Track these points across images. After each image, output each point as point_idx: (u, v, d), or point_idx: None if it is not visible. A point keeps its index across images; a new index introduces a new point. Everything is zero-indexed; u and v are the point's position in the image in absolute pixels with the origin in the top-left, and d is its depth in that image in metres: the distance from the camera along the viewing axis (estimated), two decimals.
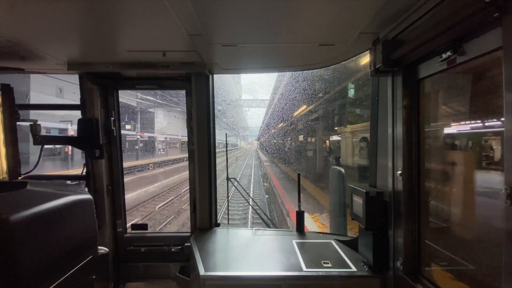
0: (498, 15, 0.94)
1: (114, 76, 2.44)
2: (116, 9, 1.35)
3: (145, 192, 15.64)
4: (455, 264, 1.48)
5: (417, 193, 1.61)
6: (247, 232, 2.55)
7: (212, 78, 2.54)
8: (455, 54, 1.20)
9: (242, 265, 1.90)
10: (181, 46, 1.87)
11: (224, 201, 12.38)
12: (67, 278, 1.33)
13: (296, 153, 20.91)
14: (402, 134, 1.60)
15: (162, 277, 2.54)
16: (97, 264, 1.62)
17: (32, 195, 1.34)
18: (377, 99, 1.91)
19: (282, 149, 28.84)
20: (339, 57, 2.12)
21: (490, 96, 1.36)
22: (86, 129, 2.34)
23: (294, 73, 15.60)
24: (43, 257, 1.20)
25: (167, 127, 38.26)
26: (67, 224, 1.38)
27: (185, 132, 2.57)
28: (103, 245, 1.97)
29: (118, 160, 2.57)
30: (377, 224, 1.76)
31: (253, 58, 2.17)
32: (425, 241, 1.60)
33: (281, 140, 29.93)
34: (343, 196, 2.97)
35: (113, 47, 1.89)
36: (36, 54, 1.96)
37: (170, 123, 38.78)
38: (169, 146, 38.74)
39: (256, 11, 1.38)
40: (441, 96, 1.60)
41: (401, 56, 1.49)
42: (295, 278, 1.76)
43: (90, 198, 1.59)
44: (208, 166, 2.54)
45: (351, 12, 1.40)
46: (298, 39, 1.77)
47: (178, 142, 41.74)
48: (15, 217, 1.09)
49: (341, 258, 2.01)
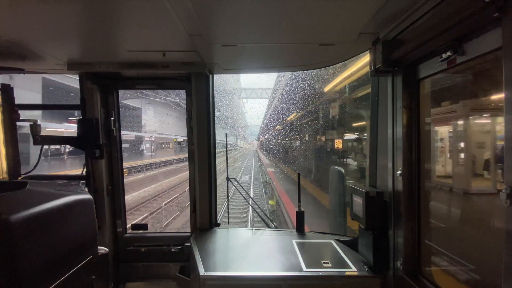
0: (498, 15, 0.94)
1: (114, 76, 2.44)
2: (116, 9, 1.35)
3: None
4: (455, 264, 1.48)
5: (417, 193, 1.61)
6: (247, 232, 2.55)
7: (212, 78, 2.54)
8: (455, 54, 1.20)
9: (242, 265, 1.90)
10: (181, 46, 1.87)
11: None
12: (67, 278, 1.33)
13: (315, 154, 16.02)
14: (402, 134, 1.60)
15: (162, 277, 2.54)
16: (97, 264, 1.62)
17: (32, 195, 1.34)
18: (377, 99, 1.91)
19: (290, 150, 24.14)
20: (339, 57, 2.13)
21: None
22: (86, 129, 2.34)
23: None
24: (43, 257, 1.20)
25: (157, 126, 36.50)
26: (67, 224, 1.38)
27: (180, 131, 2.55)
28: (103, 245, 1.96)
29: (118, 160, 2.57)
30: (377, 224, 1.76)
31: (253, 58, 2.17)
32: (425, 241, 1.60)
33: (292, 137, 23.96)
34: (343, 196, 2.97)
35: (113, 47, 1.89)
36: (36, 54, 1.96)
37: (162, 121, 37.06)
38: (160, 147, 36.67)
39: (256, 11, 1.38)
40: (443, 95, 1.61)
41: (401, 56, 1.49)
42: (295, 278, 1.76)
43: (90, 198, 1.59)
44: (208, 166, 2.54)
45: (351, 12, 1.40)
46: (298, 39, 1.77)
47: (171, 142, 39.90)
48: (15, 217, 1.09)
49: (341, 258, 2.01)
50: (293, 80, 17.23)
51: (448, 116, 1.64)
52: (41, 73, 2.47)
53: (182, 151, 37.16)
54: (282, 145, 27.77)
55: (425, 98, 1.59)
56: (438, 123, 1.65)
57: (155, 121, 37.08)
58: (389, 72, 1.67)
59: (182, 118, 36.65)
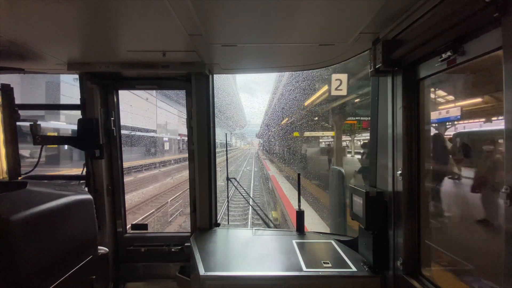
0: (498, 15, 0.94)
1: (114, 76, 2.44)
2: (116, 9, 1.35)
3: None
4: (455, 263, 1.48)
5: (417, 193, 1.61)
6: (247, 232, 2.55)
7: (212, 78, 2.54)
8: (455, 54, 1.20)
9: (242, 265, 1.90)
10: (181, 46, 1.87)
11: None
12: (67, 278, 1.33)
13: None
14: (402, 134, 1.60)
15: (162, 277, 2.54)
16: (97, 264, 1.62)
17: (32, 195, 1.34)
18: (377, 99, 1.91)
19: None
20: (339, 57, 2.12)
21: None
22: (86, 129, 2.34)
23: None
24: (43, 257, 1.20)
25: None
26: (67, 224, 1.38)
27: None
28: (103, 245, 1.96)
29: (118, 160, 2.57)
30: (377, 224, 1.76)
31: (253, 58, 2.17)
32: (425, 241, 1.60)
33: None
34: (343, 196, 2.97)
35: (113, 47, 1.89)
36: (36, 54, 1.96)
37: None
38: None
39: (256, 11, 1.38)
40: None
41: (401, 56, 1.49)
42: (295, 278, 1.76)
43: (90, 198, 1.59)
44: (208, 166, 2.54)
45: (351, 12, 1.40)
46: (298, 39, 1.77)
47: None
48: (15, 217, 1.09)
49: (341, 258, 2.00)
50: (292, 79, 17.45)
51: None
52: (41, 73, 2.47)
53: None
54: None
55: (425, 98, 1.59)
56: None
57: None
58: (389, 72, 1.67)
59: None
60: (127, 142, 25.43)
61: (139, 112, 28.18)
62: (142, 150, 29.39)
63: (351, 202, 1.97)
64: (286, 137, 24.12)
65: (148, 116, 30.87)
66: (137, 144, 28.17)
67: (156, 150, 32.46)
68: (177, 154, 36.69)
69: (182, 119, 41.12)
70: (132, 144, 27.12)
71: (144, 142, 29.48)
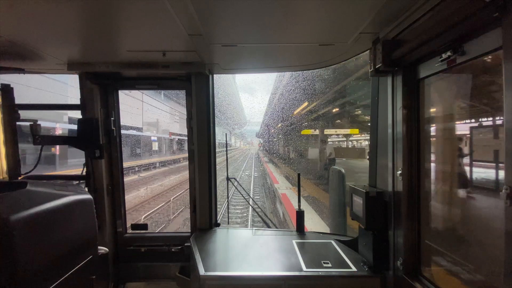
0: (498, 15, 0.94)
1: (114, 76, 2.44)
2: (116, 9, 1.35)
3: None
4: (455, 263, 1.48)
5: (417, 193, 1.60)
6: (247, 232, 2.55)
7: (212, 78, 2.54)
8: (455, 54, 1.20)
9: (242, 265, 1.90)
10: (181, 46, 1.87)
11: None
12: (67, 278, 1.33)
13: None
14: (402, 134, 1.60)
15: (162, 277, 2.54)
16: (97, 264, 1.62)
17: (32, 195, 1.34)
18: (377, 99, 1.91)
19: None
20: (339, 57, 2.12)
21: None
22: (86, 129, 2.34)
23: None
24: (43, 257, 1.20)
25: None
26: (67, 224, 1.38)
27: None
28: (103, 245, 1.96)
29: (118, 160, 2.57)
30: (377, 224, 1.76)
31: (253, 58, 2.17)
32: (425, 241, 1.60)
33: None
34: (343, 196, 2.97)
35: (113, 47, 1.89)
36: (36, 54, 1.96)
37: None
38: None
39: (256, 11, 1.38)
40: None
41: (401, 56, 1.49)
42: (295, 278, 1.76)
43: (90, 198, 1.59)
44: (208, 166, 2.54)
45: (351, 12, 1.40)
46: (298, 39, 1.76)
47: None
48: (15, 217, 1.09)
49: (341, 258, 2.00)
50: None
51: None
52: (41, 73, 2.47)
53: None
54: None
55: (425, 98, 1.59)
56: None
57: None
58: (389, 72, 1.67)
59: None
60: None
61: (123, 107, 25.90)
62: (124, 150, 26.99)
63: (351, 202, 1.97)
64: (298, 134, 19.95)
65: (133, 112, 27.97)
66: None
67: (142, 150, 29.03)
68: (168, 156, 33.76)
69: (175, 116, 39.45)
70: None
71: (126, 142, 25.65)
